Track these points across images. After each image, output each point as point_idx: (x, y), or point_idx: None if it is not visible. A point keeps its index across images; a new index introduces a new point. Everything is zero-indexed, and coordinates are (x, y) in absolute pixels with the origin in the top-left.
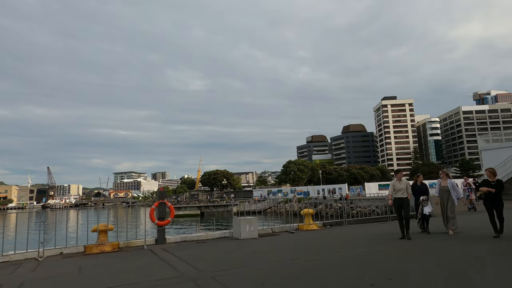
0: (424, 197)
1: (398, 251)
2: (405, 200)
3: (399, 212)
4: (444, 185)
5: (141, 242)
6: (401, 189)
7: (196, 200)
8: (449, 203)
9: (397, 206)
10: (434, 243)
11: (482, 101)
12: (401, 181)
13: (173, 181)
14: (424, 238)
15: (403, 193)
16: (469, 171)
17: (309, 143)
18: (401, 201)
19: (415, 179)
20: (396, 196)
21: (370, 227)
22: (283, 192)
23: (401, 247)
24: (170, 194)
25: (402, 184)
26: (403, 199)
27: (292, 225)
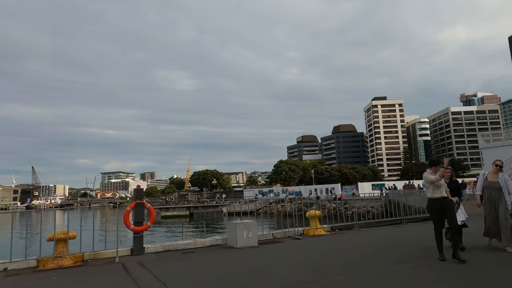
0: (456, 199)
1: (455, 277)
2: (449, 202)
3: (440, 221)
4: (493, 180)
5: (112, 253)
6: (442, 186)
7: (185, 200)
8: (501, 205)
9: (437, 211)
10: (495, 267)
11: (469, 102)
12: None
13: (162, 181)
14: (470, 258)
15: (444, 191)
16: (459, 171)
17: (300, 143)
18: (443, 203)
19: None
20: (434, 195)
21: (385, 231)
22: (275, 192)
23: (454, 270)
24: (158, 194)
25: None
26: (446, 201)
27: (296, 230)
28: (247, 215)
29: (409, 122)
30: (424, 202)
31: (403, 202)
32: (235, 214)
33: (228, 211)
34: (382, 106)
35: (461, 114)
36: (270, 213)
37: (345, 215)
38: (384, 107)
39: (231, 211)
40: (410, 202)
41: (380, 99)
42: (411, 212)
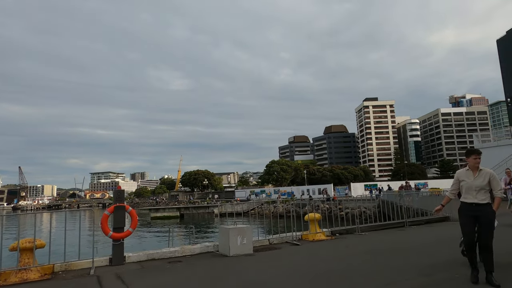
0: None
1: None
2: (486, 208)
3: (471, 232)
4: None
5: (88, 263)
6: (477, 187)
7: (176, 201)
8: None
9: (468, 219)
10: None
11: (458, 104)
12: (479, 172)
13: (153, 182)
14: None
15: (482, 194)
16: (449, 171)
17: (291, 143)
18: (476, 210)
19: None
20: (466, 199)
21: (390, 236)
22: (267, 192)
23: None
24: (148, 194)
25: (480, 178)
26: (481, 207)
27: (294, 235)
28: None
29: (400, 123)
30: (423, 203)
31: (400, 203)
32: (227, 215)
33: (220, 212)
34: (374, 107)
35: (450, 115)
36: (263, 214)
37: (345, 217)
38: (375, 108)
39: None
40: (407, 203)
41: (372, 100)
42: (412, 215)
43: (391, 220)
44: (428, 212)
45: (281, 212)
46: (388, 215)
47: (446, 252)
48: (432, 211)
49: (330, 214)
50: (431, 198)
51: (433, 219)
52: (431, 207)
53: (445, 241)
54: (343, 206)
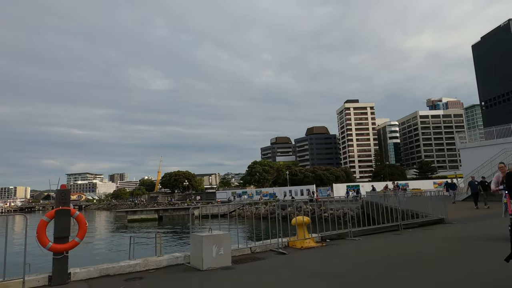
0: None
1: None
2: None
3: None
4: None
5: (17, 284)
6: None
7: (155, 202)
8: None
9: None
10: None
11: (435, 107)
12: None
13: (132, 183)
14: None
15: None
16: (428, 172)
17: (273, 144)
18: None
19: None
20: None
21: (387, 241)
22: (248, 193)
23: None
24: (126, 196)
25: None
26: None
27: (279, 241)
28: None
29: (380, 125)
30: (414, 204)
31: (391, 205)
32: (201, 217)
33: (200, 213)
34: (355, 108)
35: (428, 118)
36: (244, 216)
37: (336, 221)
38: (356, 110)
39: (204, 214)
40: (394, 205)
41: (353, 101)
42: (403, 217)
43: (380, 223)
44: (423, 214)
45: (264, 214)
46: (373, 217)
47: (460, 263)
48: (426, 213)
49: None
50: (424, 199)
51: (428, 221)
52: (424, 208)
53: (452, 247)
54: (326, 207)
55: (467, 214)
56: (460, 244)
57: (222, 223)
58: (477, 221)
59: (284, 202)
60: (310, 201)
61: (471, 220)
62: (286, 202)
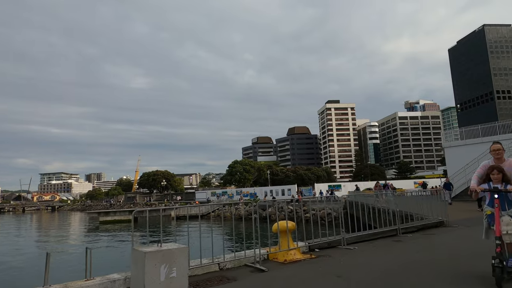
0: None
1: None
2: None
3: None
4: None
5: None
6: None
7: (131, 203)
8: None
9: None
10: None
11: (412, 109)
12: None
13: (110, 183)
14: None
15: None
16: (407, 172)
17: (255, 144)
18: None
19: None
20: None
21: (389, 251)
22: (228, 193)
23: None
24: (102, 196)
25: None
26: None
27: (257, 254)
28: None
29: (360, 126)
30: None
31: (377, 205)
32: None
33: (177, 214)
34: (336, 109)
35: (407, 119)
36: (222, 217)
37: (327, 224)
38: (337, 110)
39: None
40: (386, 206)
41: (334, 102)
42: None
43: (369, 227)
44: (420, 216)
45: (244, 215)
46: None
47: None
48: (424, 215)
49: (292, 216)
50: (420, 200)
51: (427, 224)
52: (420, 210)
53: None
54: (308, 208)
55: (467, 216)
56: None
57: (196, 225)
58: (482, 224)
59: (265, 202)
60: (291, 201)
61: (473, 223)
62: (266, 202)
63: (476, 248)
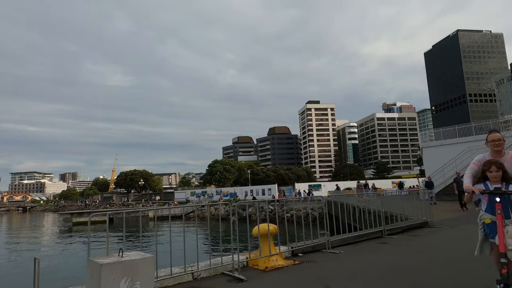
0: None
1: None
2: None
3: None
4: None
5: None
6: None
7: (108, 203)
8: None
9: None
10: None
11: (390, 110)
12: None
13: (86, 183)
14: None
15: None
16: (384, 172)
17: (235, 144)
18: None
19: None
20: None
21: (377, 255)
22: (208, 193)
23: None
24: (76, 196)
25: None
26: None
27: (236, 260)
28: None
29: (340, 126)
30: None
31: (350, 204)
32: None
33: (154, 215)
34: (316, 109)
35: (384, 120)
36: (203, 217)
37: (311, 225)
38: (317, 111)
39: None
40: (363, 205)
41: (314, 102)
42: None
43: (348, 228)
44: (403, 216)
45: (223, 215)
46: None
47: None
48: (408, 215)
49: (274, 216)
50: (403, 200)
51: (412, 225)
52: (401, 210)
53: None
54: (289, 208)
55: (449, 216)
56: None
57: (175, 226)
58: (465, 224)
59: (245, 202)
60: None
61: (457, 223)
62: (246, 202)
63: (466, 251)
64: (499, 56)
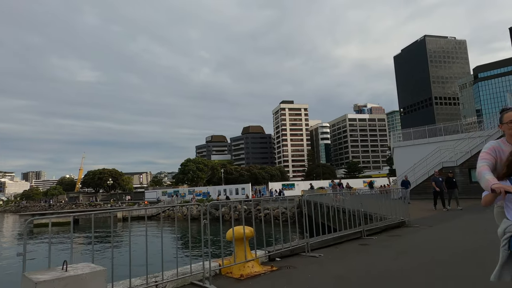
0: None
1: None
2: None
3: None
4: None
5: None
6: None
7: (73, 203)
8: None
9: None
10: None
11: (361, 112)
12: None
13: (50, 182)
14: None
15: None
16: (355, 172)
17: (209, 143)
18: None
19: None
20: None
21: (360, 258)
22: (180, 193)
23: None
24: (40, 197)
25: None
26: None
27: (207, 268)
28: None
29: (313, 126)
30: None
31: (326, 203)
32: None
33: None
34: (290, 109)
35: (356, 121)
36: (174, 218)
37: (289, 224)
38: (291, 111)
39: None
40: (335, 204)
41: (288, 102)
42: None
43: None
44: (380, 216)
45: (195, 215)
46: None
47: None
48: (385, 215)
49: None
50: (379, 199)
51: (390, 225)
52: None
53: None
54: (262, 207)
55: (424, 215)
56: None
57: (140, 228)
58: (442, 223)
59: (218, 201)
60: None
61: (434, 222)
62: (219, 201)
63: (451, 253)
64: (462, 61)
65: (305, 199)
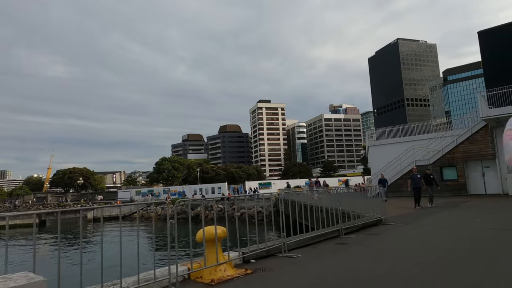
0: None
1: None
2: None
3: None
4: None
5: None
6: None
7: (41, 204)
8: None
9: None
10: None
11: (336, 112)
12: None
13: (16, 182)
14: None
15: None
16: (331, 171)
17: (185, 141)
18: None
19: None
20: None
21: (339, 259)
22: (155, 192)
23: None
24: (4, 197)
25: None
26: None
27: (174, 272)
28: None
29: (289, 126)
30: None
31: (303, 202)
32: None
33: (94, 216)
34: (267, 108)
35: (331, 121)
36: (148, 218)
37: (265, 224)
38: (268, 110)
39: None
40: (315, 203)
41: (265, 101)
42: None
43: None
44: (357, 214)
45: (171, 215)
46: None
47: None
48: (362, 213)
49: (223, 215)
50: (355, 197)
51: (367, 223)
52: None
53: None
54: (237, 206)
55: (400, 213)
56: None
57: (113, 228)
58: (418, 221)
59: (189, 200)
60: (221, 199)
61: (411, 220)
62: (190, 200)
63: (430, 252)
64: (432, 65)
65: (282, 198)
